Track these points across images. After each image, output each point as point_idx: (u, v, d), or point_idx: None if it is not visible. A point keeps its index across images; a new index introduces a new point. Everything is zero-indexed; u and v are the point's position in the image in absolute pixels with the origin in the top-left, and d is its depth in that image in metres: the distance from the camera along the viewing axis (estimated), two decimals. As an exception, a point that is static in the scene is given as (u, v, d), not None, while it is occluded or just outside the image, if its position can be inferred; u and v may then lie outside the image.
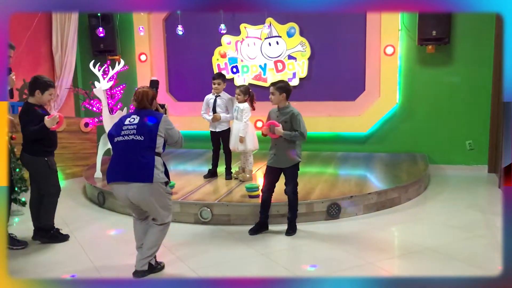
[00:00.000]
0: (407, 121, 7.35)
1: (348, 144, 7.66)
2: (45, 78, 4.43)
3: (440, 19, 6.71)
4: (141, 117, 3.58)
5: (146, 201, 3.51)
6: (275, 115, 4.42)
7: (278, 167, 4.43)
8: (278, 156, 4.38)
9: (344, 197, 5.00)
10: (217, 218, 4.86)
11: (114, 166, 3.55)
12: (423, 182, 6.00)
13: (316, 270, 3.72)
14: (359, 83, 7.45)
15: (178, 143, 3.72)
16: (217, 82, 5.69)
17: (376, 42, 7.25)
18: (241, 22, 7.77)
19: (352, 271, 3.66)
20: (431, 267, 3.72)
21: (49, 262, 4.03)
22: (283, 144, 4.34)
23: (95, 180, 6.05)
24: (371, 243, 4.31)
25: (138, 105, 3.66)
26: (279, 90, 4.34)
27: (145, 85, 3.95)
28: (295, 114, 4.32)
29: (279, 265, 3.84)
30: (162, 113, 3.76)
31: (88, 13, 7.99)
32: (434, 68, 7.14)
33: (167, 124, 3.61)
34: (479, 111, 6.95)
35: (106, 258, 4.09)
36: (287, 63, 7.69)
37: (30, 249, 4.35)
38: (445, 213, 5.08)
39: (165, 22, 8.13)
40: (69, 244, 4.45)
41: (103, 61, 7.16)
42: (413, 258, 3.91)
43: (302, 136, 4.31)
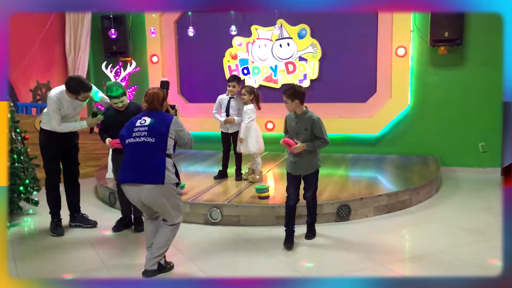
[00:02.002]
0: (419, 123, 7.30)
1: (359, 146, 7.63)
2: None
3: (453, 20, 6.65)
4: (152, 118, 3.60)
5: (158, 202, 3.54)
6: (294, 122, 4.19)
7: (299, 174, 4.29)
8: (299, 163, 4.17)
9: (354, 199, 4.98)
10: (227, 219, 4.87)
11: (126, 168, 3.58)
12: (434, 185, 5.94)
13: (326, 271, 3.71)
14: (371, 85, 7.42)
15: (188, 145, 3.74)
16: (232, 84, 5.69)
17: (387, 43, 7.21)
18: (252, 24, 7.78)
19: (362, 273, 3.64)
20: (441, 270, 3.68)
21: (59, 261, 4.07)
22: (305, 152, 4.14)
23: (106, 181, 6.10)
24: (382, 245, 4.28)
25: (148, 106, 3.68)
26: (290, 98, 4.08)
27: (156, 86, 3.97)
28: (316, 120, 4.10)
29: (288, 266, 3.83)
30: (172, 115, 3.77)
31: (101, 15, 8.08)
32: (446, 70, 7.08)
33: (177, 125, 3.63)
34: (492, 113, 6.87)
35: (116, 257, 4.12)
36: (298, 65, 7.68)
37: (41, 247, 4.41)
38: (457, 215, 5.03)
39: (177, 23, 8.17)
40: (80, 243, 4.50)
41: (115, 62, 7.23)
42: (424, 261, 3.88)
43: (325, 143, 4.13)
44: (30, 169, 5.37)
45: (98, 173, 6.62)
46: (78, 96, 4.44)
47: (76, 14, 7.96)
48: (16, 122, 5.32)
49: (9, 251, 4.28)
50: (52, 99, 4.44)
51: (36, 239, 4.67)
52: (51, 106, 4.45)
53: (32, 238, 4.75)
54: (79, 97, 4.45)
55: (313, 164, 4.22)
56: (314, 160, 4.21)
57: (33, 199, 5.32)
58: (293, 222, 4.26)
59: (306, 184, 4.33)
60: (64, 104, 4.47)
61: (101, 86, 6.84)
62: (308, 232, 4.44)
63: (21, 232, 4.89)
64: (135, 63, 6.74)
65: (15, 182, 4.99)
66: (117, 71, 6.47)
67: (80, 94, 4.44)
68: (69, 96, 4.46)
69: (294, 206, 4.25)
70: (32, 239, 4.71)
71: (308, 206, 4.42)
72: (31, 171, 5.40)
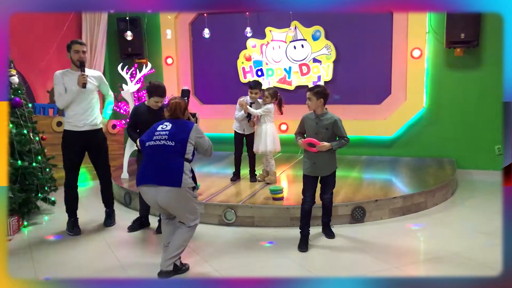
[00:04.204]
0: (434, 125, 7.25)
1: (373, 148, 7.60)
2: (156, 83, 4.67)
3: (469, 22, 6.59)
4: (173, 124, 3.68)
5: (174, 205, 3.59)
6: (314, 123, 4.19)
7: (318, 176, 4.28)
8: (319, 164, 4.18)
9: (369, 201, 4.96)
10: (241, 219, 4.89)
11: (144, 169, 3.63)
12: (450, 187, 5.89)
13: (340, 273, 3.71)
14: (385, 86, 7.39)
15: (207, 152, 3.81)
16: (254, 91, 5.66)
17: (402, 44, 7.18)
18: (266, 26, 7.80)
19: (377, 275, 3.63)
20: (456, 273, 3.65)
21: (77, 260, 4.13)
22: (325, 152, 4.15)
23: (122, 181, 6.17)
24: (396, 247, 4.26)
25: (171, 115, 3.76)
26: (316, 96, 4.11)
27: (178, 96, 4.05)
28: (337, 120, 4.17)
29: (302, 267, 3.84)
30: (193, 122, 3.85)
31: (117, 17, 8.16)
32: (463, 72, 7.02)
33: (198, 132, 3.71)
34: (509, 115, 6.79)
35: (132, 257, 4.16)
36: (312, 66, 7.68)
37: (58, 247, 4.47)
38: (473, 218, 4.99)
39: (191, 25, 8.23)
40: (96, 242, 4.56)
41: (130, 64, 7.30)
42: (439, 263, 3.85)
43: (348, 141, 4.19)
44: (47, 169, 5.44)
45: (114, 174, 6.64)
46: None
47: (93, 16, 8.05)
48: (34, 123, 5.40)
49: (27, 250, 4.36)
50: (55, 74, 4.69)
51: (52, 239, 4.73)
52: (54, 81, 4.68)
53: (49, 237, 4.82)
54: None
55: (332, 164, 4.27)
56: (333, 161, 4.27)
57: (50, 199, 5.40)
58: (308, 225, 4.29)
59: (324, 185, 4.35)
60: (65, 79, 4.67)
61: (116, 88, 6.94)
62: (329, 231, 4.49)
63: (38, 231, 4.96)
64: (150, 65, 6.80)
65: (33, 181, 5.06)
66: (132, 73, 6.53)
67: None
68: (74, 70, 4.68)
69: (310, 209, 4.28)
70: (48, 238, 4.78)
71: (326, 206, 4.46)
72: (48, 171, 5.47)
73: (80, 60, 4.63)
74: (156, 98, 4.59)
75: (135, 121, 4.71)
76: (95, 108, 4.81)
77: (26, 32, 7.07)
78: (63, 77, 4.67)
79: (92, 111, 4.76)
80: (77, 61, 4.65)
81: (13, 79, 5.04)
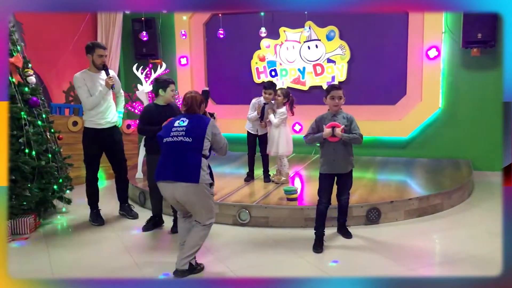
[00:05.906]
0: (450, 126, 7.17)
1: (388, 149, 7.54)
2: (164, 77, 4.84)
3: (486, 21, 6.51)
4: (190, 120, 3.70)
5: (191, 201, 3.60)
6: (332, 121, 4.20)
7: (335, 173, 4.27)
8: (338, 161, 4.19)
9: (384, 202, 4.92)
10: (255, 220, 4.88)
11: (162, 165, 3.66)
12: (467, 189, 5.82)
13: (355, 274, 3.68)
14: (400, 87, 7.33)
15: (223, 149, 3.83)
16: (268, 92, 5.64)
17: (418, 44, 7.12)
18: (280, 26, 7.79)
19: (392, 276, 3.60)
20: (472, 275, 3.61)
21: (92, 259, 4.16)
22: (342, 149, 4.17)
23: (136, 181, 6.20)
24: (412, 249, 4.22)
25: (187, 110, 3.78)
26: (343, 96, 4.25)
27: (194, 90, 4.05)
28: (353, 118, 4.25)
29: (317, 268, 3.82)
30: (209, 118, 3.86)
31: (132, 18, 8.21)
32: (479, 72, 6.94)
33: (214, 128, 3.72)
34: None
35: (147, 256, 4.18)
36: (326, 67, 7.65)
37: (73, 245, 4.51)
38: (490, 220, 4.91)
39: (206, 26, 8.25)
40: (112, 241, 4.58)
41: (145, 64, 7.34)
42: (455, 265, 3.81)
43: (361, 137, 4.19)
44: (63, 168, 5.50)
45: (128, 173, 6.70)
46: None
47: (108, 16, 8.11)
48: (50, 123, 5.45)
49: (43, 248, 4.40)
50: (76, 77, 4.89)
51: (68, 237, 4.78)
52: (76, 83, 4.87)
53: (64, 236, 4.86)
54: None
55: (350, 162, 4.29)
56: (350, 158, 4.29)
57: (66, 198, 5.44)
58: (323, 226, 4.28)
59: (341, 186, 4.35)
60: (87, 81, 4.87)
61: (131, 88, 6.98)
62: (346, 231, 4.50)
63: (54, 230, 5.01)
64: (165, 65, 6.83)
65: (49, 181, 5.11)
66: (147, 73, 6.57)
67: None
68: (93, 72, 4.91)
69: (325, 210, 4.28)
70: (64, 237, 4.82)
71: (343, 206, 4.46)
72: (64, 170, 5.53)
73: (104, 64, 4.92)
74: (172, 86, 4.67)
75: (148, 118, 4.65)
76: (113, 106, 5.12)
77: (42, 33, 7.15)
78: (84, 78, 4.87)
79: (111, 109, 5.06)
80: (100, 65, 4.90)
81: (30, 79, 5.09)
